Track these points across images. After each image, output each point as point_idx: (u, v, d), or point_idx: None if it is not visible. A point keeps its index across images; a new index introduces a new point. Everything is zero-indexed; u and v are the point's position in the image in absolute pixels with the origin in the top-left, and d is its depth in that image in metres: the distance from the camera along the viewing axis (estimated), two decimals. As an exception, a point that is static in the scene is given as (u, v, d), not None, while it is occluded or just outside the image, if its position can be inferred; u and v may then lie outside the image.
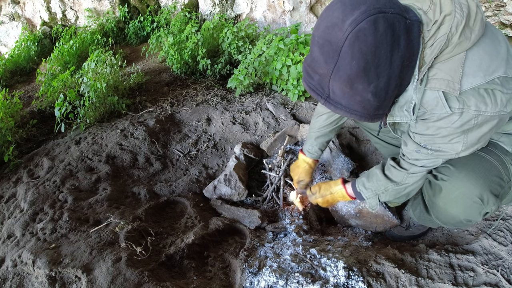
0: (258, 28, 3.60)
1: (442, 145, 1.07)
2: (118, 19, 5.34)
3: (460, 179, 1.16)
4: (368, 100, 0.91)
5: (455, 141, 1.03)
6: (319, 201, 1.62)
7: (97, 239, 1.62)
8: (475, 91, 0.92)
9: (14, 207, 2.01)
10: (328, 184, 1.58)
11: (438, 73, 0.95)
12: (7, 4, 5.96)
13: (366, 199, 1.40)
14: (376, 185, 1.36)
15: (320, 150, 1.76)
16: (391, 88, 0.92)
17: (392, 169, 1.30)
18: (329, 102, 0.95)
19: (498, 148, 1.19)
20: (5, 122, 2.66)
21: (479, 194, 1.13)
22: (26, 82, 4.81)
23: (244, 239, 1.72)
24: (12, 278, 1.49)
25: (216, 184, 2.06)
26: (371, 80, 0.87)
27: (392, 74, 0.88)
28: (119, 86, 3.10)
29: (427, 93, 0.97)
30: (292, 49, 2.61)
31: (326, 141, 1.76)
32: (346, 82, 0.87)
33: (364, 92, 0.89)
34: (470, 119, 0.95)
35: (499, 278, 1.27)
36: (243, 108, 2.78)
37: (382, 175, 1.33)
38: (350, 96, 0.90)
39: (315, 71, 0.93)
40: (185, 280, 1.43)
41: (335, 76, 0.87)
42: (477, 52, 0.93)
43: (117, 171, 2.28)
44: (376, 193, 1.37)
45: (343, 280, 1.26)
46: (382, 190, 1.35)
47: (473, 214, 1.19)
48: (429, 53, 0.93)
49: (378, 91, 0.90)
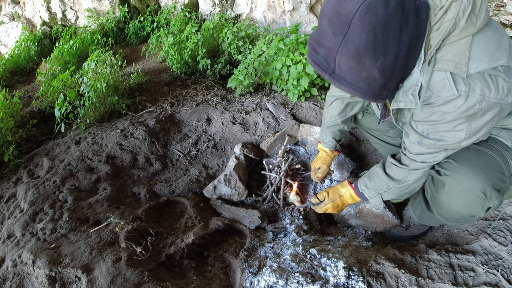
0: (258, 28, 3.60)
1: (445, 133, 1.07)
2: (118, 19, 5.34)
3: (463, 173, 1.16)
4: (374, 78, 0.90)
5: (459, 128, 1.03)
6: (329, 208, 1.56)
7: (97, 239, 1.62)
8: (480, 76, 0.93)
9: (14, 207, 2.01)
10: (335, 187, 1.56)
11: (446, 55, 0.96)
12: (7, 4, 5.96)
13: (369, 198, 1.40)
14: (378, 184, 1.36)
15: (334, 139, 1.73)
16: (397, 68, 0.92)
17: (393, 167, 1.30)
18: (334, 77, 0.94)
19: (498, 143, 1.20)
20: (5, 122, 2.66)
21: (482, 189, 1.14)
22: (26, 82, 4.81)
23: (244, 239, 1.72)
24: (12, 278, 1.49)
25: (216, 184, 2.06)
26: (379, 56, 0.86)
27: (400, 53, 0.89)
28: (119, 86, 3.10)
29: (435, 74, 0.98)
30: (292, 49, 2.61)
31: (339, 130, 1.72)
32: (353, 56, 0.86)
33: (370, 68, 0.88)
34: (475, 103, 0.95)
35: (499, 278, 1.27)
36: (243, 108, 2.78)
37: (383, 174, 1.33)
38: (356, 71, 0.89)
39: (322, 45, 0.91)
40: (185, 280, 1.43)
41: (343, 49, 0.86)
42: (482, 39, 0.95)
43: (117, 171, 2.28)
44: (378, 192, 1.37)
45: (343, 280, 1.26)
46: (385, 189, 1.35)
47: (476, 209, 1.19)
48: (435, 36, 0.94)
49: (385, 69, 0.89)
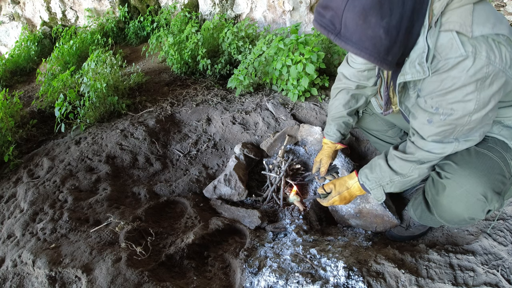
0: (258, 28, 3.60)
1: (455, 104, 1.04)
2: (118, 19, 5.34)
3: (464, 176, 1.16)
4: (379, 37, 0.93)
5: (468, 98, 1.01)
6: (336, 200, 1.51)
7: (97, 239, 1.62)
8: (484, 39, 0.95)
9: (14, 207, 2.01)
10: (343, 179, 1.50)
11: (451, 17, 0.98)
12: (7, 4, 5.96)
13: (370, 190, 1.37)
14: (380, 176, 1.33)
15: (338, 131, 1.70)
16: (402, 30, 0.95)
17: (396, 160, 1.27)
18: (340, 38, 0.96)
19: (498, 144, 1.20)
20: (5, 122, 2.66)
21: (483, 192, 1.14)
22: (26, 82, 4.81)
23: (244, 239, 1.72)
24: (12, 278, 1.49)
25: (216, 184, 2.06)
26: (384, 15, 0.90)
27: (404, 14, 0.93)
28: (119, 86, 3.10)
29: (442, 36, 0.99)
30: (292, 49, 2.61)
31: (344, 123, 1.68)
32: (360, 13, 0.90)
33: (376, 26, 0.91)
34: (482, 66, 0.96)
35: (499, 278, 1.27)
36: (243, 108, 2.78)
37: (386, 166, 1.30)
38: (363, 29, 0.92)
39: (328, 7, 0.96)
40: (185, 280, 1.43)
41: (350, 6, 0.91)
42: (483, 8, 0.98)
43: (117, 171, 2.28)
44: (380, 184, 1.34)
45: (343, 280, 1.26)
46: (387, 181, 1.32)
47: (476, 211, 1.19)
48: (438, 6, 0.98)
49: (390, 29, 0.93)
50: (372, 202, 1.77)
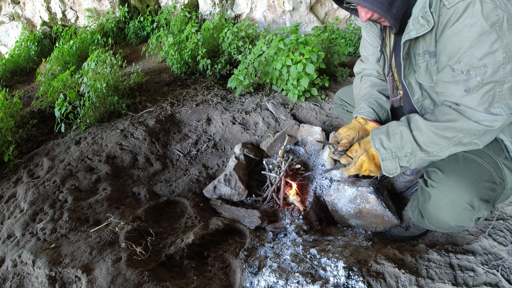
0: (258, 28, 3.60)
1: (485, 59, 1.00)
2: (118, 19, 5.34)
3: (450, 186, 1.14)
4: None
5: (495, 47, 0.99)
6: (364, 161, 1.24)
7: (97, 239, 1.62)
8: None
9: (14, 207, 2.01)
10: (365, 139, 1.29)
11: None
12: (7, 4, 5.96)
13: (382, 160, 1.20)
14: (399, 145, 1.16)
15: (370, 108, 1.46)
16: None
17: (427, 132, 1.13)
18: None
19: (491, 147, 1.18)
20: (5, 122, 2.66)
21: (469, 201, 1.12)
22: (26, 82, 4.81)
23: (244, 239, 1.72)
24: (12, 278, 1.49)
25: (216, 184, 2.06)
26: None
27: None
28: (119, 86, 3.10)
29: None
30: (292, 49, 2.61)
31: (376, 100, 1.48)
32: None
33: None
34: (491, 9, 0.98)
35: (499, 278, 1.27)
36: (243, 108, 2.78)
37: (409, 136, 1.15)
38: None
39: None
40: (185, 280, 1.43)
41: None
42: None
43: (117, 171, 2.28)
44: (396, 155, 1.17)
45: (343, 280, 1.26)
46: (406, 153, 1.16)
47: (464, 220, 1.17)
48: None
49: None
50: (372, 202, 1.77)
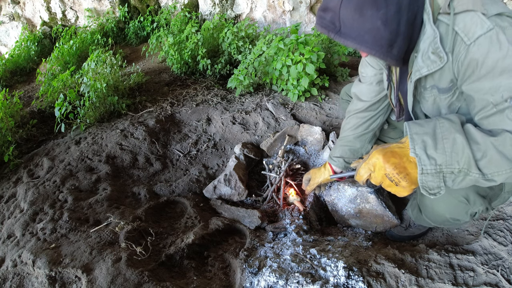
0: (258, 28, 3.60)
1: None
2: (118, 19, 5.34)
3: None
4: (377, 29, 0.92)
5: None
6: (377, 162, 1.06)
7: (97, 239, 1.62)
8: (501, 16, 0.90)
9: (14, 207, 2.01)
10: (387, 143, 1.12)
11: (461, 1, 0.93)
12: (7, 4, 5.96)
13: (421, 173, 0.95)
14: (451, 160, 0.92)
15: (342, 158, 1.56)
16: (402, 21, 0.93)
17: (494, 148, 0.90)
18: (340, 35, 0.98)
19: None
20: (5, 122, 2.66)
21: (465, 194, 1.13)
22: (26, 82, 4.81)
23: (244, 239, 1.72)
24: (12, 278, 1.49)
25: (216, 184, 2.06)
26: (380, 7, 0.90)
27: (402, 5, 0.91)
28: (119, 86, 3.10)
29: (460, 17, 0.93)
30: (292, 49, 2.61)
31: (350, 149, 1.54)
32: (355, 8, 0.92)
33: (373, 18, 0.91)
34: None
35: (499, 278, 1.27)
36: (243, 108, 2.78)
37: (467, 148, 0.90)
38: (360, 23, 0.93)
39: (327, 9, 0.98)
40: (185, 280, 1.43)
41: (345, 3, 0.93)
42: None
43: (117, 171, 2.28)
44: (441, 171, 0.93)
45: (343, 280, 1.26)
46: (454, 170, 0.92)
47: (459, 213, 1.19)
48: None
49: (389, 19, 0.91)
50: (372, 202, 1.77)
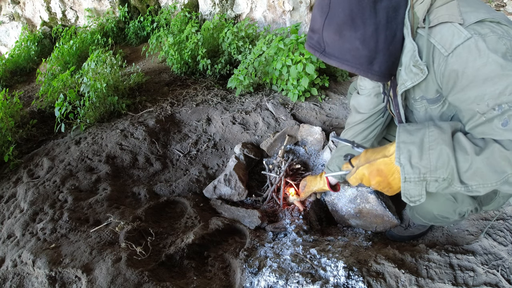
0: (258, 28, 3.60)
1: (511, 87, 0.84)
2: (118, 19, 5.34)
3: None
4: (356, 48, 0.97)
5: None
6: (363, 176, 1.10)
7: (97, 239, 1.62)
8: (481, 23, 0.89)
9: (14, 207, 2.01)
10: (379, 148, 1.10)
11: (439, 12, 0.95)
12: (7, 4, 5.96)
13: (404, 181, 0.96)
14: (432, 166, 0.92)
15: (339, 168, 1.60)
16: (381, 39, 0.97)
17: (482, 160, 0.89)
18: (325, 55, 1.03)
19: None
20: (5, 122, 2.66)
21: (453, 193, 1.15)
22: (26, 82, 4.81)
23: (244, 239, 1.72)
24: (12, 278, 1.49)
25: (216, 184, 2.06)
26: (358, 28, 0.94)
27: (379, 24, 0.95)
28: (119, 86, 3.10)
29: (437, 29, 0.95)
30: (292, 49, 2.61)
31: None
32: (335, 30, 0.97)
33: (351, 39, 0.96)
34: (495, 40, 0.86)
35: (499, 278, 1.27)
36: (243, 108, 2.78)
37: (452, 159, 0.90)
38: (340, 44, 0.98)
39: (314, 30, 1.03)
40: (185, 280, 1.43)
41: (326, 26, 0.98)
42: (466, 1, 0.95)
43: (117, 171, 2.28)
44: (424, 179, 0.94)
45: (343, 280, 1.26)
46: (445, 179, 0.92)
47: (447, 211, 1.21)
48: (421, 7, 0.98)
49: (366, 39, 0.95)
50: (372, 202, 1.77)
